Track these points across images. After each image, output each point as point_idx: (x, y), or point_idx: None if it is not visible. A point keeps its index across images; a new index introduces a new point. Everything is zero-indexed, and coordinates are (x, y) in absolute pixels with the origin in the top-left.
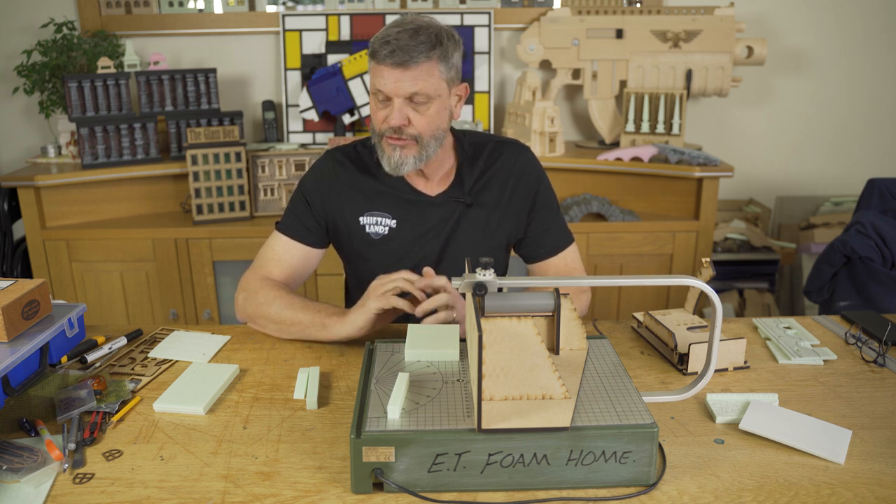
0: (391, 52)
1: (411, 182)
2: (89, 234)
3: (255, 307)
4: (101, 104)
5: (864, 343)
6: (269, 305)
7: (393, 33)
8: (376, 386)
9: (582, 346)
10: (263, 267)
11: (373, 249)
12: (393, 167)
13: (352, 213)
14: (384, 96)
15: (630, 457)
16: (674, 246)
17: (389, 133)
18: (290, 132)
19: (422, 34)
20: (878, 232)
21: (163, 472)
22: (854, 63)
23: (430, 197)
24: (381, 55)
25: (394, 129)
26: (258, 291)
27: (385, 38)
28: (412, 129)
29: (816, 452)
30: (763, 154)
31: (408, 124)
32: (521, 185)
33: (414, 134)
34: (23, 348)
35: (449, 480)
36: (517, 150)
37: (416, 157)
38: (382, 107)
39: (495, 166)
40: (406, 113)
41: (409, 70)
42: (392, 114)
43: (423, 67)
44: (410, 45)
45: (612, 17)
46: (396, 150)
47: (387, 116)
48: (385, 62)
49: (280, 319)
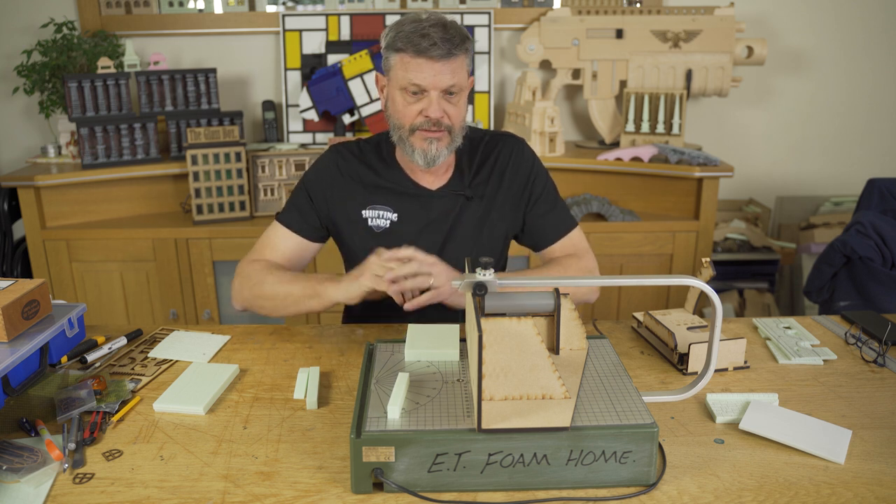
0: (432, 45)
1: (412, 176)
2: (89, 234)
3: (250, 289)
4: (101, 104)
5: (864, 343)
6: (262, 284)
7: (426, 26)
8: (376, 386)
9: (582, 346)
10: (259, 253)
11: (375, 243)
12: (429, 160)
13: (354, 207)
14: (418, 89)
15: (630, 457)
16: (674, 246)
17: (426, 126)
18: (290, 132)
19: (450, 29)
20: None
21: (163, 472)
22: (854, 63)
23: (430, 190)
24: (421, 47)
25: (433, 122)
26: (252, 274)
27: (419, 31)
28: (447, 120)
29: (816, 452)
30: (763, 154)
31: (444, 116)
32: (517, 177)
33: (448, 125)
34: (23, 348)
35: (449, 480)
36: (512, 141)
37: (448, 147)
38: (415, 100)
39: (491, 158)
40: (442, 105)
41: (448, 63)
42: (431, 106)
43: (459, 60)
44: (445, 38)
45: (612, 17)
46: (433, 143)
47: (422, 110)
48: (425, 55)
49: (273, 295)
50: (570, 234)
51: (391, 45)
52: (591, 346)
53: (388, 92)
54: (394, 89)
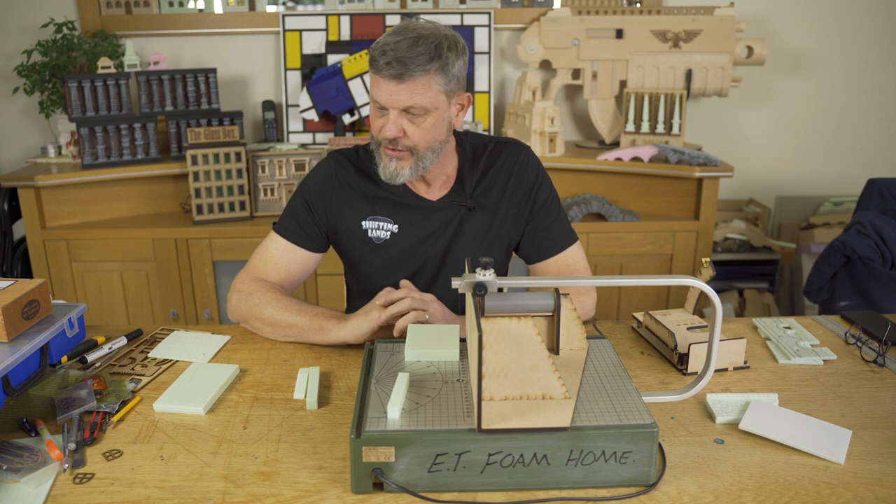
0: (387, 64)
1: (412, 187)
2: (89, 234)
3: (249, 309)
4: (101, 104)
5: (864, 343)
6: (263, 307)
7: (391, 42)
8: (376, 386)
9: (582, 346)
10: (258, 268)
11: (375, 254)
12: (388, 177)
13: (354, 218)
14: (381, 105)
15: (630, 457)
16: (674, 246)
17: (385, 143)
18: (290, 132)
19: (421, 45)
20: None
21: (163, 472)
22: (854, 63)
23: (431, 202)
24: (378, 65)
25: (389, 140)
26: (253, 293)
27: (383, 47)
28: (407, 140)
29: (816, 452)
30: (763, 154)
31: (403, 136)
32: (521, 186)
33: (409, 146)
34: (23, 348)
35: (449, 480)
36: (517, 149)
37: (412, 168)
38: (379, 115)
39: (495, 167)
40: (401, 124)
41: (404, 83)
42: (387, 125)
43: (420, 81)
44: (408, 56)
45: (612, 17)
46: (392, 161)
47: (382, 126)
48: (381, 73)
49: (275, 322)
50: (568, 250)
51: (369, 54)
52: (591, 346)
53: None
54: (370, 99)
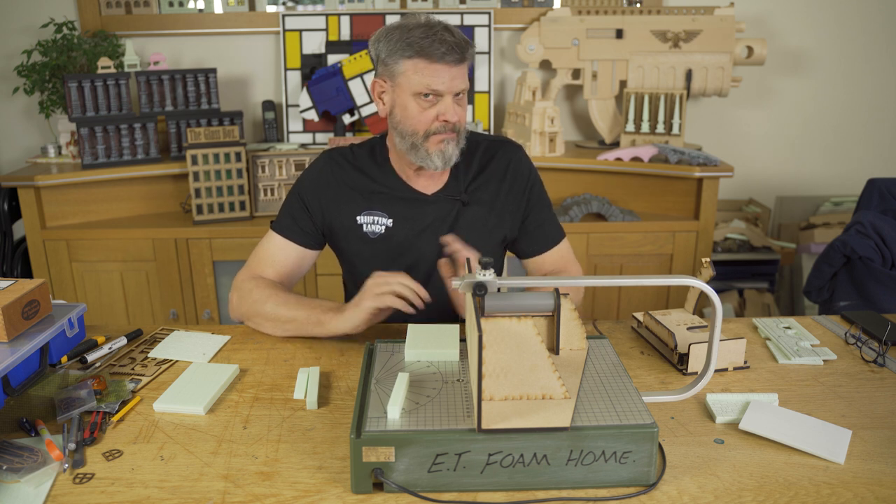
0: (449, 50)
1: (407, 181)
2: (89, 234)
3: (250, 306)
4: (101, 104)
5: (864, 343)
6: (263, 303)
7: (438, 32)
8: (376, 386)
9: (582, 346)
10: (257, 266)
11: (370, 248)
12: (447, 160)
13: (349, 213)
14: (434, 94)
15: (630, 457)
16: (674, 246)
17: (443, 130)
18: (290, 132)
19: (456, 34)
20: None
21: (163, 472)
22: (854, 63)
23: (425, 195)
24: (438, 53)
25: (451, 124)
26: (252, 290)
27: (432, 37)
28: (459, 122)
29: (816, 452)
30: (763, 154)
31: (457, 118)
32: (515, 184)
33: (459, 127)
34: (23, 348)
35: (449, 480)
36: (510, 148)
37: (456, 146)
38: (429, 105)
39: (490, 166)
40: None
41: (461, 66)
42: (449, 109)
43: (467, 63)
44: (457, 43)
45: (612, 17)
46: (449, 144)
47: (438, 114)
48: (443, 60)
49: (275, 317)
50: (560, 244)
51: (399, 51)
52: (591, 346)
53: (396, 99)
54: (405, 96)
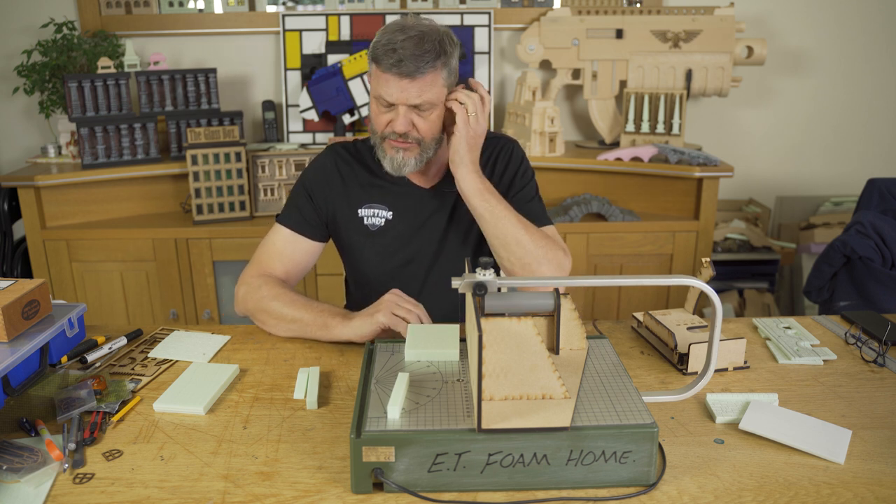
0: (397, 62)
1: (408, 176)
2: (89, 234)
3: (256, 302)
4: (101, 104)
5: (864, 343)
6: (270, 301)
7: (398, 40)
8: (376, 386)
9: (582, 346)
10: (264, 261)
11: (370, 241)
12: (395, 168)
13: (351, 206)
14: (387, 102)
15: (630, 457)
16: (674, 246)
17: (393, 137)
18: (290, 132)
19: (426, 42)
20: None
21: (163, 472)
22: (854, 63)
23: (424, 189)
24: (387, 64)
25: (399, 134)
26: (261, 287)
27: (390, 44)
28: (415, 133)
29: (816, 452)
30: (763, 154)
31: (412, 129)
32: (506, 173)
33: (417, 138)
34: (23, 348)
35: (449, 480)
36: (505, 143)
37: (418, 158)
38: (385, 111)
39: (490, 161)
40: (410, 118)
41: (414, 81)
42: (397, 120)
43: (428, 78)
44: (416, 54)
45: (612, 17)
46: (399, 153)
47: (390, 121)
48: (391, 71)
49: (281, 316)
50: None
51: (370, 52)
52: (591, 346)
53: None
54: (371, 95)
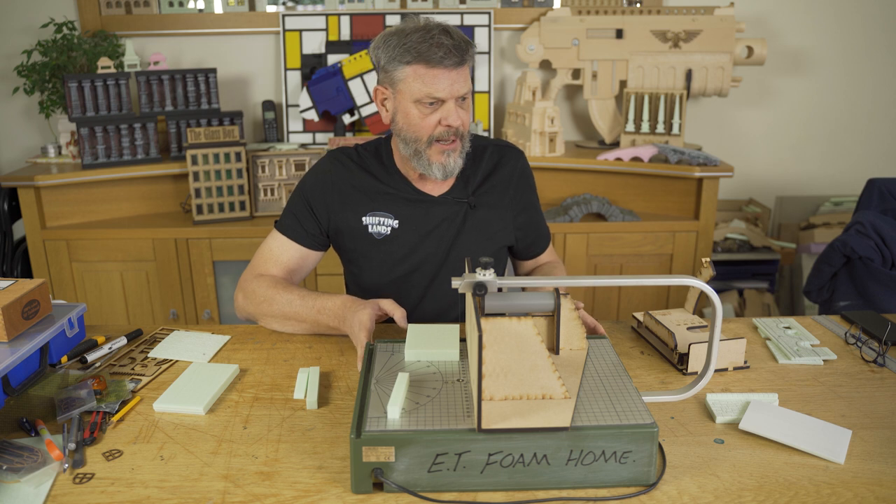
0: (447, 54)
1: (413, 182)
2: (89, 234)
3: (256, 306)
4: (101, 104)
5: (864, 343)
6: (270, 303)
7: (435, 36)
8: (376, 386)
9: (582, 346)
10: (260, 266)
11: (376, 250)
12: (448, 172)
13: (354, 214)
14: (436, 100)
15: (630, 457)
16: (674, 246)
17: (446, 136)
18: (290, 132)
19: (455, 35)
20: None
21: (163, 472)
22: (854, 63)
23: (432, 196)
24: (436, 58)
25: (453, 130)
26: (256, 290)
27: (429, 41)
28: (462, 126)
29: (816, 452)
30: (763, 154)
31: (460, 123)
32: (519, 190)
33: (462, 132)
34: (23, 348)
35: (449, 480)
36: (515, 155)
37: (460, 154)
38: (431, 111)
39: (497, 170)
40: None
41: (461, 70)
42: (451, 115)
43: (468, 66)
44: (456, 45)
45: (612, 17)
46: (450, 156)
47: (440, 119)
48: (441, 65)
49: (283, 315)
50: (550, 244)
51: (398, 57)
52: (591, 346)
53: (398, 105)
54: (406, 102)
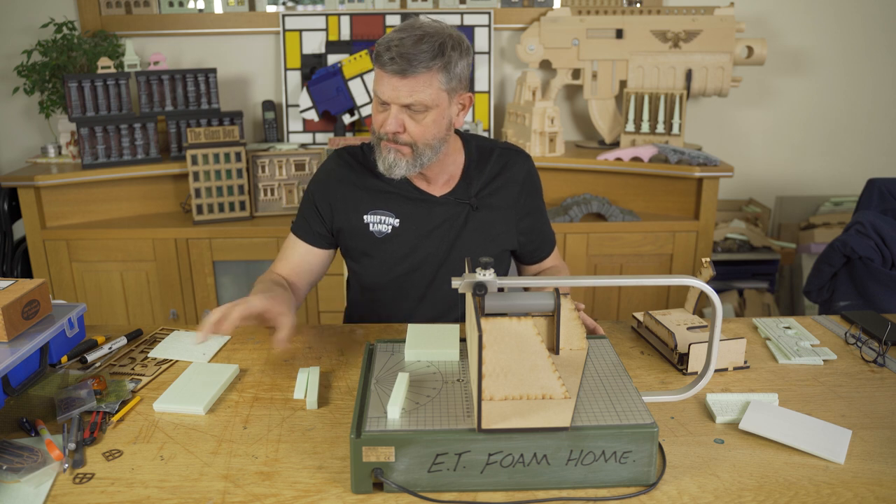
0: (391, 59)
1: (416, 182)
2: (89, 234)
3: None
4: (101, 104)
5: (864, 343)
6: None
7: (396, 38)
8: (376, 386)
9: (582, 346)
10: (275, 265)
11: (376, 248)
12: (386, 168)
13: (356, 213)
14: (383, 101)
15: (630, 457)
16: (674, 246)
17: (385, 138)
18: (290, 132)
19: (425, 42)
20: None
21: (163, 472)
22: (854, 63)
23: (434, 196)
24: (383, 60)
25: (390, 135)
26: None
27: (388, 43)
28: (407, 136)
29: (816, 452)
30: (763, 154)
31: (402, 131)
32: (524, 193)
33: (409, 141)
34: (23, 348)
35: (449, 480)
36: (522, 158)
37: (410, 162)
38: (381, 110)
39: (503, 173)
40: (402, 120)
41: (406, 79)
42: (388, 120)
43: (422, 77)
44: (411, 53)
45: (612, 17)
46: (391, 153)
47: (384, 121)
48: (385, 68)
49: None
50: (555, 249)
51: (374, 50)
52: (591, 346)
53: None
54: (373, 95)
